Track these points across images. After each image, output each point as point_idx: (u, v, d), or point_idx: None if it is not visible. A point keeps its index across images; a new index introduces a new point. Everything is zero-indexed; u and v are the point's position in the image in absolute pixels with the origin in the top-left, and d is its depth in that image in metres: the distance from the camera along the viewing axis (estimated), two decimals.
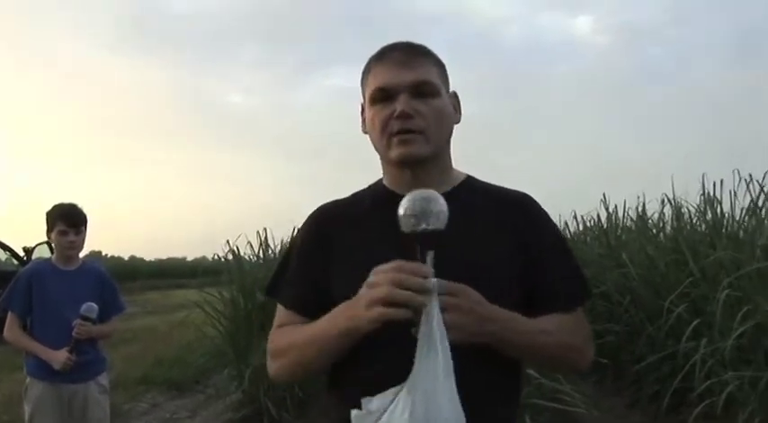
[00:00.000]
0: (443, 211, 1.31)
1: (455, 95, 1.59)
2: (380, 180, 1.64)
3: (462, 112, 1.61)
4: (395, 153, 1.49)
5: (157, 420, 6.96)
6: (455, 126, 1.58)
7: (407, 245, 1.32)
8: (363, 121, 1.58)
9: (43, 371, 3.62)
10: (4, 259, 14.08)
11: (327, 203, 1.68)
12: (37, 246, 12.46)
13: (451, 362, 1.26)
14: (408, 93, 1.46)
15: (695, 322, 4.86)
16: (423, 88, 1.48)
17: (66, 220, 3.70)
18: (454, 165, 1.62)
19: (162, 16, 63.69)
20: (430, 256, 1.30)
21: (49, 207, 3.76)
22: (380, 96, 1.49)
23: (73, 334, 3.55)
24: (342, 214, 1.62)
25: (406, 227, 1.32)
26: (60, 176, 54.54)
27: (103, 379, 3.89)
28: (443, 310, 1.29)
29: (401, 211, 1.32)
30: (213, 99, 61.52)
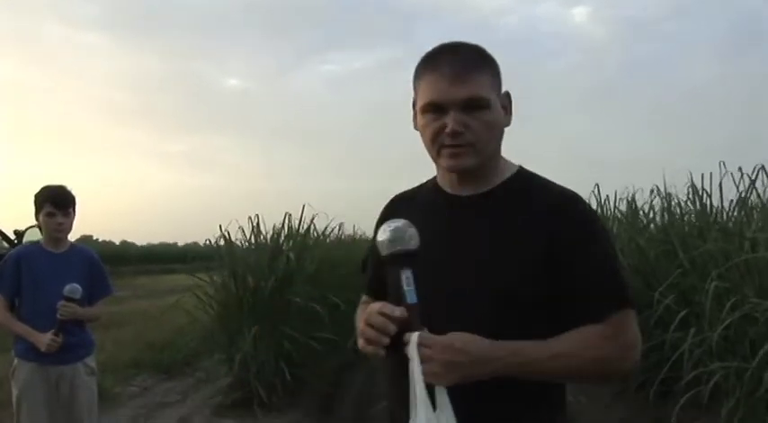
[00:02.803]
0: (413, 237, 1.42)
1: (507, 96, 1.59)
2: (435, 177, 1.68)
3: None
4: (444, 163, 1.54)
5: (148, 404, 6.98)
6: (506, 128, 1.60)
7: (389, 266, 1.43)
8: (415, 116, 1.60)
9: (31, 352, 3.61)
10: None
11: (398, 194, 1.77)
12: (28, 229, 12.41)
13: (429, 407, 1.34)
14: (459, 108, 1.48)
15: (683, 312, 4.90)
16: (473, 103, 1.49)
17: (54, 201, 3.68)
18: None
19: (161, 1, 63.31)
20: (405, 274, 1.40)
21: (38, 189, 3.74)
22: (432, 109, 1.51)
23: (57, 315, 3.54)
24: (403, 207, 1.67)
25: (382, 251, 1.43)
26: (53, 161, 54.48)
27: (91, 361, 3.89)
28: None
29: (378, 238, 1.44)
30: (208, 84, 61.32)
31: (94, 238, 42.97)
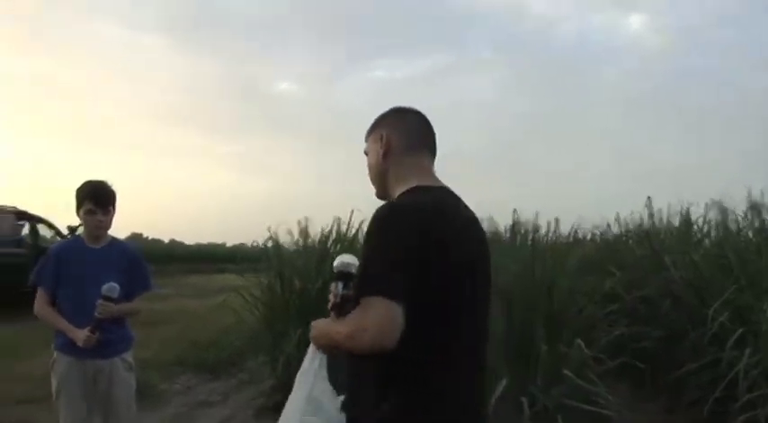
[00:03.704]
0: (352, 265, 2.10)
1: (380, 137, 2.09)
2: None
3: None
4: None
5: (190, 402, 7.01)
6: (381, 158, 2.08)
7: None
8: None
9: (69, 347, 3.64)
10: (49, 237, 14.33)
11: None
12: (80, 225, 12.62)
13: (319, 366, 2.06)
14: None
15: (740, 331, 4.76)
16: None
17: (95, 199, 3.69)
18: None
19: (213, 5, 64.05)
20: (339, 285, 2.12)
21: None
22: None
23: (95, 313, 3.56)
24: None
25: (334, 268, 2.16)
26: (107, 159, 55.40)
27: (129, 356, 3.89)
28: None
29: (344, 259, 2.15)
30: (260, 88, 61.81)
31: (144, 235, 43.61)
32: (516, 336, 5.08)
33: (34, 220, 14.31)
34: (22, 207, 14.12)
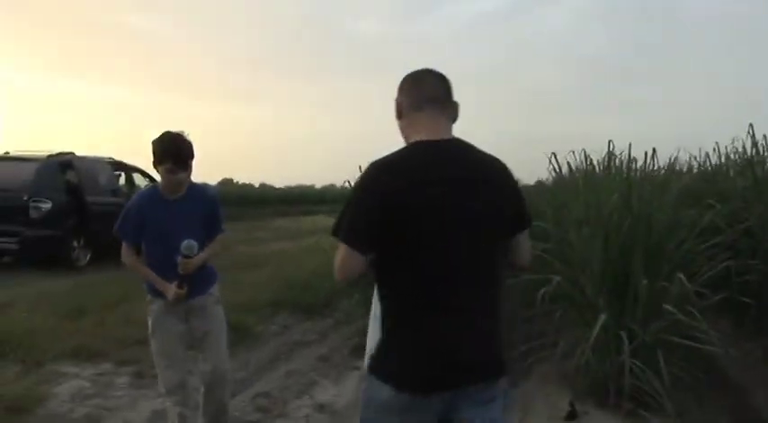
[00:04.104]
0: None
1: (395, 103, 2.36)
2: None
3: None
4: None
5: (287, 342, 7.17)
6: (397, 120, 2.36)
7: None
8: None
9: (158, 291, 3.81)
10: (143, 186, 14.74)
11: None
12: None
13: None
14: None
15: None
16: None
17: (174, 158, 3.67)
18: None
19: None
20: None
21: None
22: None
23: (178, 270, 3.67)
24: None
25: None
26: (195, 109, 56.42)
27: (216, 290, 4.03)
28: None
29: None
30: (340, 28, 61.43)
31: (235, 181, 44.42)
32: (614, 270, 4.95)
33: (130, 169, 14.72)
34: (117, 157, 14.56)
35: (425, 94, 2.28)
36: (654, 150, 5.68)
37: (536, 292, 5.25)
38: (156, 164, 3.73)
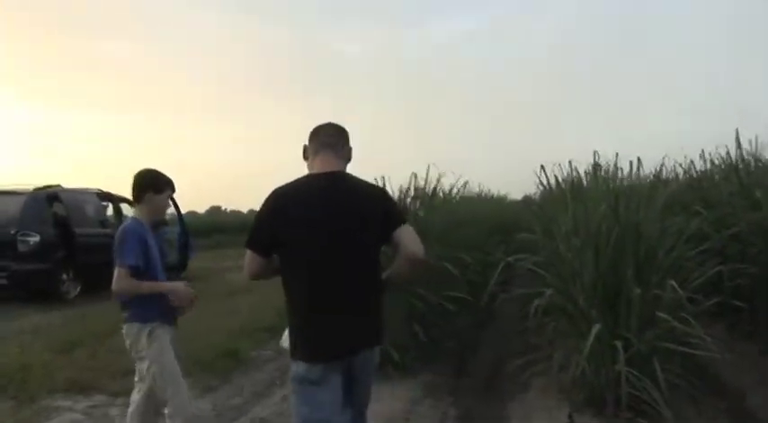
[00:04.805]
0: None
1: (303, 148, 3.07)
2: None
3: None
4: None
5: (281, 367, 7.11)
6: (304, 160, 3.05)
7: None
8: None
9: (165, 316, 3.94)
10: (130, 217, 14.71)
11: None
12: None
13: None
14: None
15: None
16: None
17: (173, 187, 4.05)
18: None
19: None
20: None
21: (142, 169, 4.01)
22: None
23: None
24: None
25: None
26: (182, 136, 56.46)
27: None
28: None
29: None
30: (326, 50, 61.50)
31: (223, 208, 44.28)
32: (606, 280, 4.96)
33: (117, 200, 14.67)
34: (105, 188, 14.50)
35: (321, 141, 2.99)
36: (639, 159, 5.73)
37: (529, 306, 5.25)
38: (152, 193, 3.96)
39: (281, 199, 2.84)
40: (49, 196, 12.73)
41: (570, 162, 6.47)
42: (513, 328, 5.98)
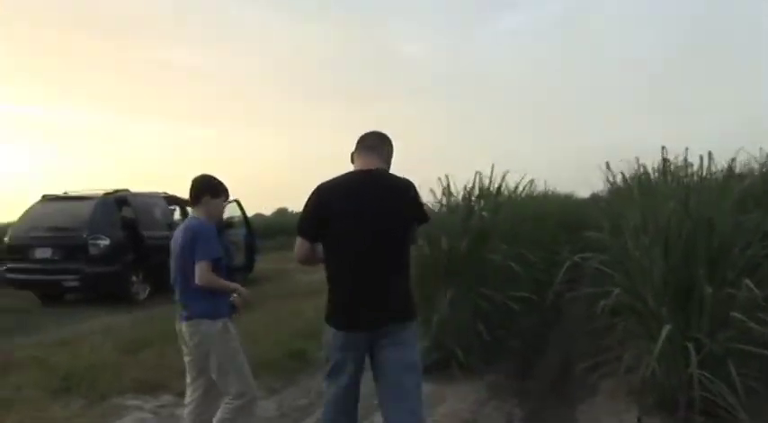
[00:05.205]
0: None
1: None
2: None
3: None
4: None
5: None
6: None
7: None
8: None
9: (229, 310, 4.16)
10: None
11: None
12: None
13: None
14: None
15: None
16: None
17: (227, 193, 4.32)
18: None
19: None
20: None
21: (201, 174, 4.26)
22: None
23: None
24: None
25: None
26: (248, 140, 57.20)
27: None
28: None
29: None
30: (386, 50, 61.42)
31: (289, 210, 44.64)
32: (676, 278, 4.80)
33: (184, 203, 14.88)
34: (171, 192, 14.76)
35: (365, 145, 3.46)
36: (710, 154, 5.53)
37: (596, 306, 5.13)
38: (211, 197, 4.20)
39: (325, 192, 3.31)
40: (118, 200, 13.05)
41: (637, 158, 6.32)
42: (580, 328, 5.85)
